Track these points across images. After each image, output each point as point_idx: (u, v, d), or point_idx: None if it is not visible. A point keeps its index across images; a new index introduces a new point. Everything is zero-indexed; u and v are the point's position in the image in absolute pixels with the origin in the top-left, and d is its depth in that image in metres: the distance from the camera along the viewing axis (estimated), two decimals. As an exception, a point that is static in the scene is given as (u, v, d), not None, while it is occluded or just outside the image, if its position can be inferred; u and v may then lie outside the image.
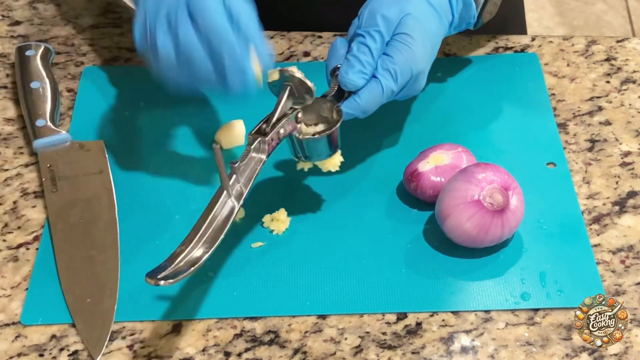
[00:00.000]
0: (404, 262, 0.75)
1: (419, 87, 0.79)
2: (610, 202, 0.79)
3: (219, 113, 0.88)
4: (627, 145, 0.84)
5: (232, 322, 0.72)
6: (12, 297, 0.74)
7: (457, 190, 0.73)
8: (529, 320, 0.71)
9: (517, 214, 0.73)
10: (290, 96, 0.73)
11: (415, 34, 0.76)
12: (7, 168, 0.84)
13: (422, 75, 0.78)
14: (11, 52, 0.96)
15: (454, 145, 0.79)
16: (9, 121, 0.89)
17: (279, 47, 0.95)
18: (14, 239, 0.78)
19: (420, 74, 0.77)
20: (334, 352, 0.70)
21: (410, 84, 0.77)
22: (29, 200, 0.81)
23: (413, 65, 0.76)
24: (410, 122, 0.87)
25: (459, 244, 0.75)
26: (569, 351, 0.69)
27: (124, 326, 0.72)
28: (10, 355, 0.70)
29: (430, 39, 0.78)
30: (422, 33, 0.77)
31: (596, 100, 0.89)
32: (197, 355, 0.70)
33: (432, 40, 0.79)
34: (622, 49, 0.94)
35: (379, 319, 0.72)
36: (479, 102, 0.88)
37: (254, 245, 0.76)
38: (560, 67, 0.92)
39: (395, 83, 0.75)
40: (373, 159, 0.84)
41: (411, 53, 0.76)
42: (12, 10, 1.01)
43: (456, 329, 0.71)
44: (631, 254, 0.75)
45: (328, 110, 0.75)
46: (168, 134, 0.86)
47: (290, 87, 0.73)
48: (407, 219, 0.78)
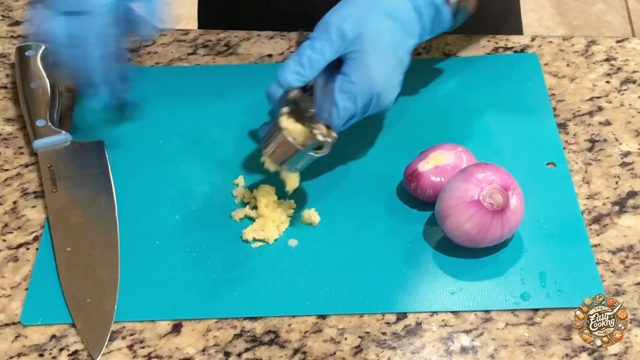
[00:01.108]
0: (404, 262, 0.75)
1: (385, 104, 0.77)
2: (610, 202, 0.79)
3: (219, 112, 0.88)
4: (627, 145, 0.84)
5: (232, 322, 0.72)
6: (12, 297, 0.74)
7: (457, 190, 0.73)
8: (529, 320, 0.71)
9: (517, 214, 0.73)
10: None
11: (371, 51, 0.75)
12: (7, 168, 0.84)
13: (385, 94, 0.76)
14: (11, 52, 0.96)
15: (454, 145, 0.79)
16: (9, 121, 0.89)
17: (279, 47, 0.95)
18: (14, 239, 0.78)
19: (382, 92, 0.76)
20: (334, 352, 0.70)
21: (373, 103, 0.76)
22: (29, 200, 0.81)
23: (372, 85, 0.75)
24: (410, 122, 0.87)
25: (459, 244, 0.75)
26: (568, 351, 0.69)
27: (124, 326, 0.72)
28: (10, 355, 0.70)
29: (393, 54, 0.76)
30: (381, 50, 0.75)
31: (596, 100, 0.89)
32: (197, 355, 0.70)
33: (396, 54, 0.77)
34: (622, 49, 0.94)
35: (379, 319, 0.72)
36: (479, 102, 0.88)
37: (254, 245, 0.76)
38: (560, 67, 0.92)
39: (354, 104, 0.75)
40: (373, 159, 0.84)
41: (367, 73, 0.75)
42: (12, 10, 1.01)
43: (456, 329, 0.71)
44: (631, 254, 0.75)
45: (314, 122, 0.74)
46: (168, 133, 0.86)
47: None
48: (407, 219, 0.78)
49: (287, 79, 0.75)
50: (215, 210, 0.79)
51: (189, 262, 0.75)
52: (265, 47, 0.95)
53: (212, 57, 0.95)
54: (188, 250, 0.76)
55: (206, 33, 0.98)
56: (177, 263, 0.75)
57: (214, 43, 0.96)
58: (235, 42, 0.96)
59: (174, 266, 0.75)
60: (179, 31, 0.98)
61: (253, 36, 0.97)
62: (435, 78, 0.90)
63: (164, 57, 0.95)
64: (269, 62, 0.94)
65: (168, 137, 0.86)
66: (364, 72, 0.75)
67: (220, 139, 0.86)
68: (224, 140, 0.86)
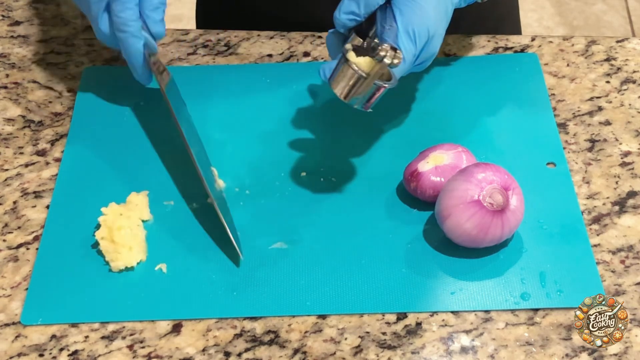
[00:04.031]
0: (404, 262, 0.75)
1: (434, 51, 0.77)
2: (610, 202, 0.80)
3: (219, 112, 0.88)
4: (627, 145, 0.84)
5: (232, 322, 0.72)
6: (12, 297, 0.74)
7: (457, 190, 0.73)
8: (529, 320, 0.71)
9: (517, 214, 0.73)
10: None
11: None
12: (7, 168, 0.84)
13: (436, 38, 0.76)
14: (11, 52, 0.96)
15: (454, 145, 0.79)
16: (9, 121, 0.89)
17: (279, 47, 0.95)
18: (14, 239, 0.78)
19: (434, 36, 0.76)
20: (334, 352, 0.70)
21: (426, 46, 0.75)
22: (29, 200, 0.81)
23: (429, 26, 0.74)
24: (410, 122, 0.87)
25: (459, 244, 0.75)
26: (568, 351, 0.69)
27: (124, 326, 0.72)
28: (10, 355, 0.70)
29: (442, 3, 0.77)
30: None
31: (596, 100, 0.89)
32: (197, 355, 0.70)
33: (445, 5, 0.77)
34: (622, 49, 0.94)
35: (379, 319, 0.72)
36: (479, 102, 0.88)
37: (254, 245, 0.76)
38: (560, 67, 0.92)
39: (414, 45, 0.74)
40: (373, 159, 0.84)
41: (425, 14, 0.74)
42: (12, 10, 1.01)
43: (456, 329, 0.71)
44: (631, 254, 0.75)
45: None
46: (168, 133, 0.86)
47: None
48: (407, 219, 0.78)
49: (341, 19, 0.75)
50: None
51: (189, 262, 0.75)
52: (265, 47, 0.95)
53: (212, 57, 0.95)
54: (188, 250, 0.76)
55: (206, 33, 0.98)
56: (177, 263, 0.75)
57: (214, 43, 0.96)
58: (235, 42, 0.96)
59: (175, 266, 0.75)
60: (178, 31, 0.98)
61: (253, 36, 0.97)
62: (435, 78, 0.91)
63: (164, 57, 0.95)
64: (269, 62, 0.94)
65: (168, 137, 0.86)
66: (421, 12, 0.74)
67: (220, 139, 0.86)
68: (224, 140, 0.86)
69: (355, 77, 0.71)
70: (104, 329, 0.72)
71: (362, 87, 0.71)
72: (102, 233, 0.74)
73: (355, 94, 0.72)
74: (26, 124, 0.88)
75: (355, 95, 0.72)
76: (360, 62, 0.71)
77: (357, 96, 0.72)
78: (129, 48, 0.82)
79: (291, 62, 0.94)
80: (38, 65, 0.94)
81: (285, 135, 0.85)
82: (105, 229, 0.74)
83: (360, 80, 0.71)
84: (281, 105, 0.88)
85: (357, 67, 0.71)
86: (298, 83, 0.90)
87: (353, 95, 0.72)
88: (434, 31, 0.75)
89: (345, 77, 0.71)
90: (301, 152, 0.84)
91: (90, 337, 0.71)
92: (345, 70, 0.71)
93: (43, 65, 0.94)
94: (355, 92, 0.72)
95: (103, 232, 0.74)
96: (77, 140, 0.86)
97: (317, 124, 0.87)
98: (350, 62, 0.71)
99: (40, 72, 0.94)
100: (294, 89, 0.90)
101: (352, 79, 0.71)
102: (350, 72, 0.71)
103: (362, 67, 0.71)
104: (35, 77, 0.93)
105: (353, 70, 0.71)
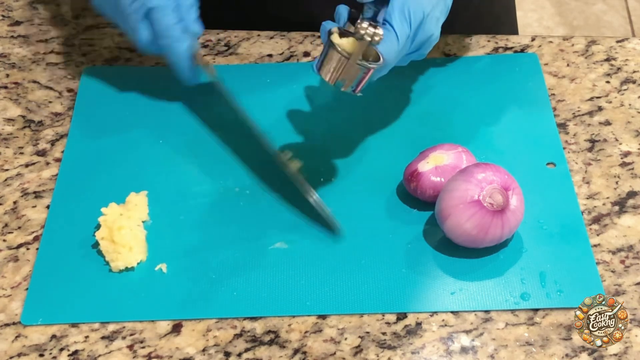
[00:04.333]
0: (404, 262, 0.75)
1: (429, 33, 0.76)
2: (610, 202, 0.80)
3: (219, 112, 0.88)
4: (627, 145, 0.84)
5: (232, 322, 0.72)
6: (12, 297, 0.74)
7: (457, 191, 0.73)
8: (529, 320, 0.71)
9: (517, 214, 0.73)
10: None
11: None
12: (7, 168, 0.84)
13: (431, 20, 0.75)
14: (11, 52, 0.96)
15: (454, 145, 0.79)
16: (9, 121, 0.89)
17: (279, 47, 0.95)
18: (14, 239, 0.78)
19: (429, 16, 0.75)
20: (334, 352, 0.70)
21: (420, 27, 0.75)
22: (29, 200, 0.81)
23: (424, 5, 0.74)
24: (410, 122, 0.87)
25: (459, 244, 0.75)
26: (568, 351, 0.69)
27: (124, 326, 0.72)
28: (10, 355, 0.70)
29: None
30: None
31: (596, 100, 0.89)
32: (197, 355, 0.70)
33: None
34: (622, 49, 0.94)
35: (378, 319, 0.72)
36: (479, 102, 0.88)
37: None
38: (560, 67, 0.92)
39: (408, 26, 0.73)
40: (373, 159, 0.84)
41: None
42: (12, 10, 1.01)
43: (456, 329, 0.71)
44: (631, 254, 0.75)
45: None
46: (168, 133, 0.86)
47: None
48: (407, 219, 0.78)
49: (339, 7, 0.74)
50: (215, 210, 0.79)
51: (189, 262, 0.75)
52: (265, 47, 0.95)
53: (212, 57, 0.95)
54: (188, 249, 0.76)
55: (206, 33, 0.97)
56: (177, 263, 0.75)
57: (214, 43, 0.96)
58: (235, 42, 0.96)
59: (175, 266, 0.75)
60: (179, 31, 0.98)
61: (253, 36, 0.97)
62: (435, 78, 0.91)
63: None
64: (269, 62, 0.94)
65: (169, 137, 0.86)
66: None
67: (220, 139, 0.86)
68: (225, 140, 0.86)
69: (337, 58, 0.71)
70: (104, 329, 0.72)
71: (347, 68, 0.71)
72: (102, 233, 0.74)
73: (342, 77, 0.72)
74: (26, 124, 0.88)
75: (342, 77, 0.72)
76: (343, 42, 0.71)
77: (344, 79, 0.72)
78: (175, 52, 0.82)
79: (291, 62, 0.94)
80: (38, 65, 0.94)
81: (285, 135, 0.85)
82: (105, 229, 0.75)
83: (342, 61, 0.71)
84: (281, 105, 0.88)
85: (340, 48, 0.71)
86: (298, 83, 0.90)
87: (339, 77, 0.72)
88: (428, 11, 0.75)
89: (330, 60, 0.71)
90: (301, 152, 0.84)
91: (90, 337, 0.71)
92: (331, 53, 0.71)
93: (43, 65, 0.94)
94: (340, 74, 0.72)
95: (103, 232, 0.75)
96: (77, 140, 0.86)
97: (317, 124, 0.87)
98: (334, 44, 0.71)
99: (40, 72, 0.94)
100: (294, 89, 0.90)
101: (336, 60, 0.71)
102: (335, 54, 0.71)
103: (345, 48, 0.71)
104: (35, 77, 0.93)
105: (337, 52, 0.71)
